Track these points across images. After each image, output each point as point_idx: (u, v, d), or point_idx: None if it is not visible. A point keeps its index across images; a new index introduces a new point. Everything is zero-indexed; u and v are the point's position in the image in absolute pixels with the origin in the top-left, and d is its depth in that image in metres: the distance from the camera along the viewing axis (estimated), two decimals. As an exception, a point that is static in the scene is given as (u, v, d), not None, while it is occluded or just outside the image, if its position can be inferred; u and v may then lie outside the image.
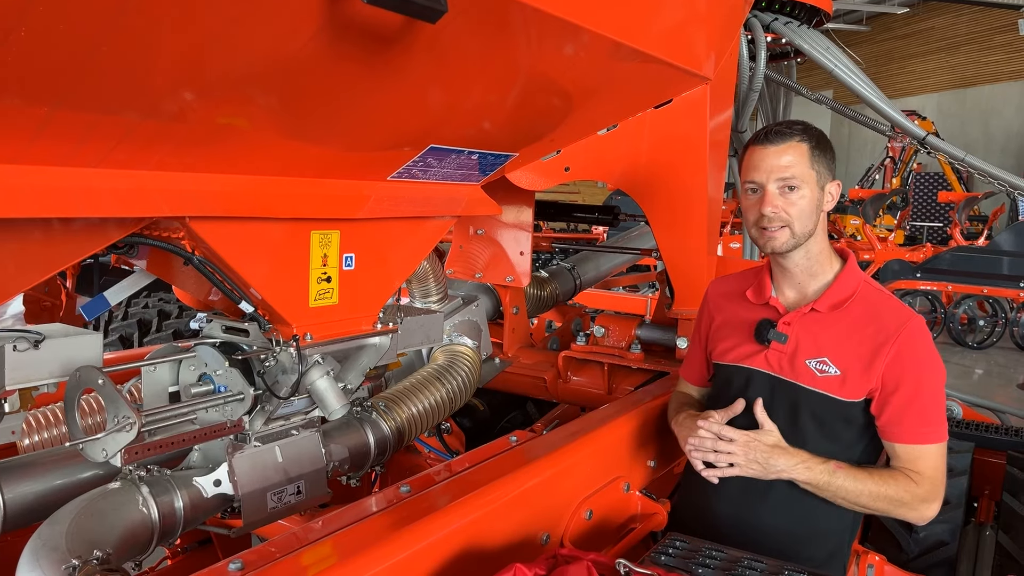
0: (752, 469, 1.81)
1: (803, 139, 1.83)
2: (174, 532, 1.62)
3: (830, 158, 1.87)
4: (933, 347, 1.84)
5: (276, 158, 1.48)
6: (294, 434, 1.83)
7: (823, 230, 1.91)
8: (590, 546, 1.78)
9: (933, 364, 1.82)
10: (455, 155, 1.82)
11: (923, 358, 1.80)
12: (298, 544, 1.40)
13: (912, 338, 1.79)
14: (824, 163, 1.85)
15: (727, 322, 2.07)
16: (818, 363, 1.84)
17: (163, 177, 1.33)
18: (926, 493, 1.79)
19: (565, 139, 2.17)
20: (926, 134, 3.91)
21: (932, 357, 1.82)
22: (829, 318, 1.86)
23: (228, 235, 1.47)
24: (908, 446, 1.80)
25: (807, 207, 1.83)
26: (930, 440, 1.79)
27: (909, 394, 1.78)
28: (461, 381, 2.35)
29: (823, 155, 1.85)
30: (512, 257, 2.79)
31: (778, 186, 1.83)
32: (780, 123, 1.89)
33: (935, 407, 1.81)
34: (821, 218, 1.88)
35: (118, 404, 1.45)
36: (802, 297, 1.93)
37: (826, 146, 1.86)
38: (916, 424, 1.79)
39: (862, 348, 1.80)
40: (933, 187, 19.28)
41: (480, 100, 1.64)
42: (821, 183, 1.85)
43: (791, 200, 1.83)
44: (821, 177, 1.85)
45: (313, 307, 1.68)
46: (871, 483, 1.78)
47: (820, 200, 1.86)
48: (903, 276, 10.04)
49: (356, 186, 1.71)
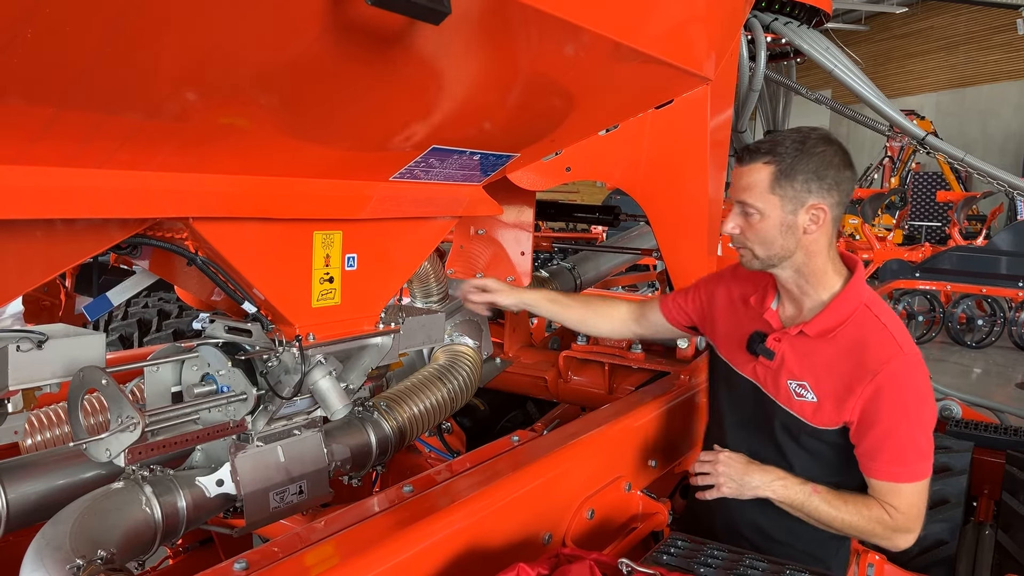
0: (729, 488, 1.84)
1: (769, 161, 1.76)
2: (177, 532, 1.62)
3: (810, 179, 1.74)
4: (920, 385, 1.76)
5: (279, 159, 1.48)
6: (296, 434, 1.83)
7: (821, 250, 1.81)
8: (592, 546, 1.79)
9: (917, 404, 1.76)
10: (457, 156, 1.83)
11: (904, 398, 1.74)
12: (301, 544, 1.41)
13: (893, 377, 1.73)
14: (798, 185, 1.74)
15: (725, 315, 2.08)
16: (798, 386, 1.83)
17: (166, 178, 1.33)
18: (900, 526, 1.78)
19: (566, 139, 2.17)
20: (925, 134, 3.92)
21: (916, 396, 1.76)
22: (817, 343, 1.82)
23: (231, 236, 1.48)
24: (882, 483, 1.78)
25: (767, 232, 1.78)
26: (905, 479, 1.75)
27: (884, 432, 1.75)
28: (462, 381, 2.35)
29: (794, 178, 1.74)
30: (513, 257, 2.79)
31: (740, 207, 1.82)
32: (761, 140, 1.82)
33: (913, 446, 1.76)
34: (809, 240, 1.78)
35: (122, 404, 1.46)
36: (799, 312, 1.88)
37: (804, 168, 1.74)
38: (891, 463, 1.75)
39: (840, 381, 1.78)
40: (932, 186, 19.29)
41: (482, 101, 1.64)
42: (791, 207, 1.76)
43: (750, 223, 1.80)
44: (790, 201, 1.75)
45: (316, 307, 1.69)
46: (845, 511, 1.79)
47: (792, 224, 1.76)
48: (902, 276, 10.03)
49: (358, 186, 1.71)
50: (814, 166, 1.74)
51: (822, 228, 1.78)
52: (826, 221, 1.77)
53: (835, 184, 1.76)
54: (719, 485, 1.84)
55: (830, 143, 1.79)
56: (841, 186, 1.77)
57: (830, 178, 1.75)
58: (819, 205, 1.75)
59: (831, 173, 1.75)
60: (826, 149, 1.76)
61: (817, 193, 1.75)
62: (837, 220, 1.82)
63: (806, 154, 1.74)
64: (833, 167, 1.75)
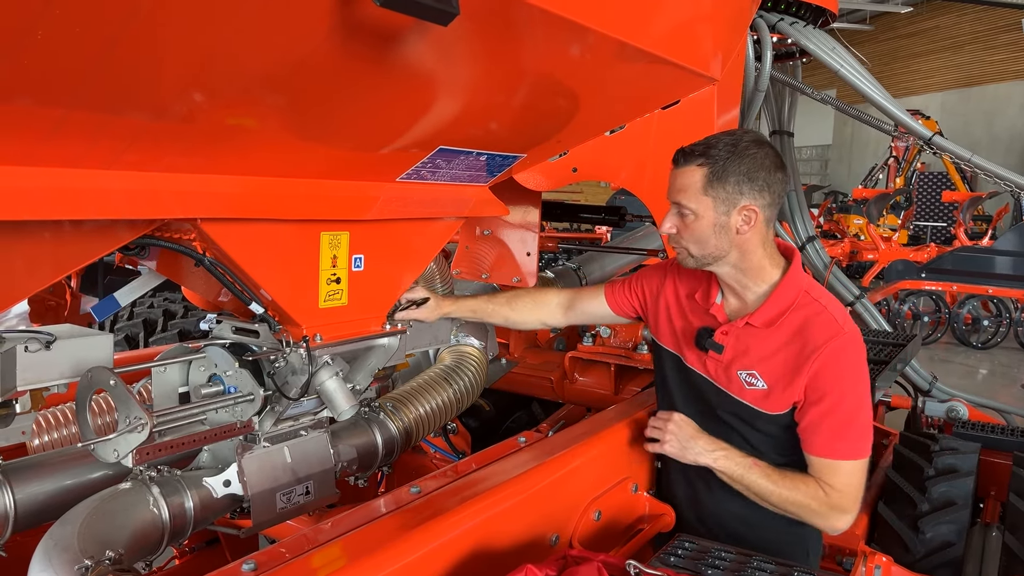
0: (672, 447, 1.92)
1: (703, 163, 1.79)
2: (184, 532, 1.62)
3: (742, 181, 1.77)
4: (859, 364, 1.81)
5: (287, 160, 1.48)
6: (303, 434, 1.83)
7: (755, 247, 1.84)
8: (599, 547, 1.79)
9: (855, 381, 1.80)
10: (464, 156, 1.82)
11: (844, 375, 1.79)
12: (309, 545, 1.41)
13: (835, 355, 1.77)
14: (730, 187, 1.77)
15: (673, 310, 2.09)
16: (748, 375, 1.87)
17: (174, 179, 1.33)
18: (836, 504, 1.80)
19: (572, 140, 2.17)
20: (932, 134, 3.90)
21: (855, 374, 1.80)
22: (763, 332, 1.86)
23: (239, 236, 1.48)
24: (820, 459, 1.81)
25: (701, 232, 1.82)
26: (843, 456, 1.79)
27: (826, 409, 1.78)
28: (468, 382, 2.35)
29: (726, 180, 1.77)
30: (519, 258, 2.79)
31: (676, 208, 1.86)
32: (696, 143, 1.84)
33: (852, 424, 1.80)
34: (743, 239, 1.81)
35: (130, 405, 1.46)
36: (743, 305, 1.92)
37: (736, 170, 1.77)
38: (830, 439, 1.79)
39: (787, 365, 1.82)
40: (937, 187, 19.22)
41: (489, 101, 1.64)
42: (724, 208, 1.79)
43: (685, 223, 1.84)
44: (723, 203, 1.79)
45: (323, 308, 1.69)
46: (783, 485, 1.83)
47: (725, 224, 1.80)
48: (908, 276, 10.00)
49: (365, 187, 1.71)
50: (746, 168, 1.77)
51: (755, 228, 1.81)
52: (758, 221, 1.81)
53: (766, 186, 1.79)
54: (664, 441, 1.93)
55: (762, 145, 1.82)
56: (772, 187, 1.81)
57: (761, 180, 1.78)
58: (750, 206, 1.79)
59: (762, 175, 1.78)
60: (757, 152, 1.79)
61: (749, 194, 1.78)
62: (771, 220, 1.86)
63: (738, 156, 1.77)
64: (764, 169, 1.79)
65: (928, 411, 3.87)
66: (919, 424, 4.06)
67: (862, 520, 2.79)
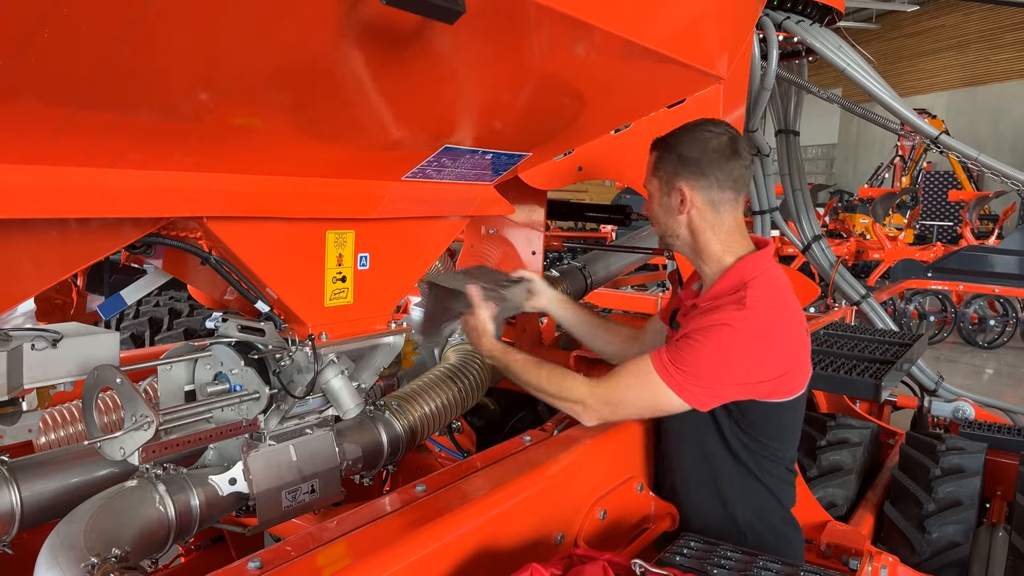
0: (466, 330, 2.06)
1: (655, 148, 1.92)
2: (190, 530, 1.62)
3: (677, 164, 1.85)
4: (730, 337, 1.76)
5: (292, 158, 1.48)
6: (308, 433, 1.83)
7: (704, 229, 1.88)
8: (604, 546, 1.78)
9: (718, 345, 1.76)
10: (469, 155, 1.82)
11: (713, 332, 1.76)
12: (314, 543, 1.40)
13: (721, 318, 1.76)
14: (669, 168, 1.87)
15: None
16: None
17: (180, 177, 1.33)
18: (598, 391, 1.88)
19: (578, 138, 2.17)
20: (939, 133, 3.88)
21: (723, 341, 1.76)
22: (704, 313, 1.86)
23: (245, 235, 1.48)
24: (643, 360, 1.84)
25: (655, 212, 1.95)
26: (658, 369, 1.79)
27: (681, 337, 1.80)
28: (473, 380, 2.35)
29: (666, 162, 1.87)
30: (524, 256, 2.79)
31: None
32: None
33: (687, 362, 1.77)
34: (690, 221, 1.88)
35: (136, 403, 1.46)
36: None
37: (675, 152, 1.85)
38: (665, 352, 1.81)
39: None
40: (943, 186, 19.15)
41: (494, 100, 1.64)
42: (666, 189, 1.89)
43: (648, 205, 1.99)
44: (665, 183, 1.89)
45: (328, 306, 1.69)
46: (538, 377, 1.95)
47: (668, 205, 1.89)
48: (914, 275, 9.97)
49: (371, 186, 1.71)
50: (683, 151, 1.85)
51: (698, 210, 1.87)
52: (696, 204, 1.86)
53: (702, 169, 1.83)
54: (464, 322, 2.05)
55: (716, 132, 1.85)
56: (712, 172, 1.83)
57: (695, 163, 1.84)
58: (681, 188, 1.85)
59: (700, 158, 1.83)
60: (703, 135, 1.84)
61: (683, 176, 1.85)
62: (717, 203, 1.87)
63: (683, 140, 1.85)
64: (706, 152, 1.83)
65: (934, 411, 3.86)
66: (925, 424, 4.05)
67: (868, 520, 2.79)
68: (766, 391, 1.83)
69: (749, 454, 1.90)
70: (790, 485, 2.01)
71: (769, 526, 1.96)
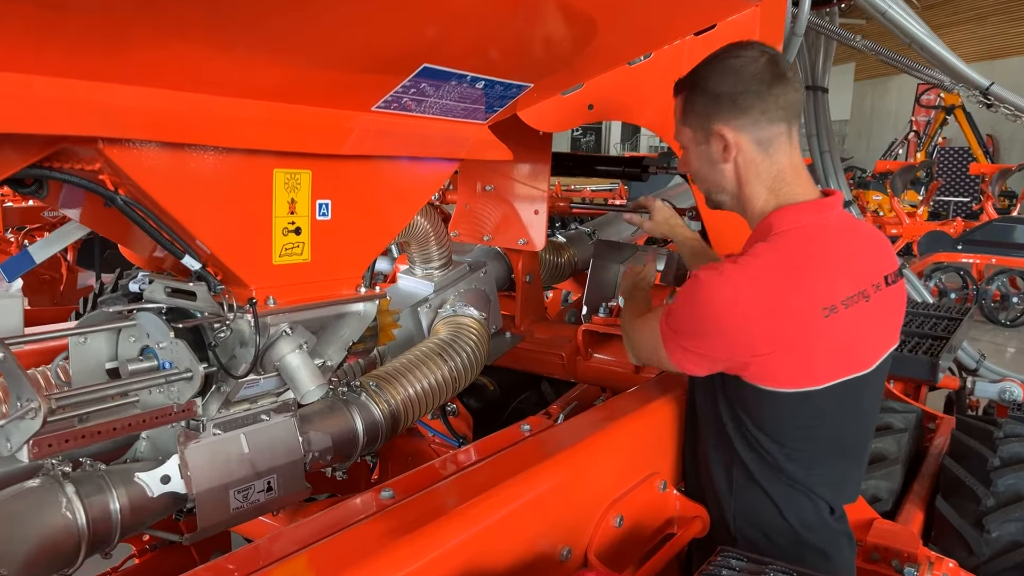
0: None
1: (680, 90, 1.63)
2: (109, 540, 1.34)
3: (709, 101, 1.54)
4: (695, 295, 1.51)
5: (226, 71, 1.15)
6: (264, 419, 1.55)
7: (749, 179, 1.59)
8: (621, 559, 1.47)
9: (685, 301, 1.55)
10: (456, 81, 1.49)
11: (690, 281, 1.53)
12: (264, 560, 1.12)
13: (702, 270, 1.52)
14: (700, 110, 1.57)
15: None
16: None
17: (67, 85, 1.02)
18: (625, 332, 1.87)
19: (589, 70, 1.86)
20: (990, 83, 3.57)
21: (692, 290, 1.52)
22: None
23: (159, 167, 1.15)
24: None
25: (694, 167, 1.67)
26: (661, 327, 1.60)
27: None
28: (467, 357, 2.07)
29: (696, 102, 1.58)
30: (525, 218, 2.49)
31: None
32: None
33: (672, 315, 1.58)
34: (737, 169, 1.58)
35: (21, 385, 1.15)
36: None
37: (705, 87, 1.55)
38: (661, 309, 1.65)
39: None
40: (959, 161, 18.94)
41: (485, 7, 1.30)
42: (702, 136, 1.60)
43: (684, 160, 1.71)
44: (700, 130, 1.60)
45: (277, 264, 1.37)
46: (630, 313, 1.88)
47: (708, 155, 1.60)
48: (943, 248, 9.67)
49: (332, 115, 1.39)
50: (714, 86, 1.53)
51: (745, 154, 1.56)
52: (742, 147, 1.55)
53: (741, 103, 1.51)
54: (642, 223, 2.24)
55: (747, 55, 1.52)
56: (753, 104, 1.51)
57: (730, 98, 1.52)
58: (720, 131, 1.55)
59: (735, 88, 1.51)
60: (735, 62, 1.52)
61: (718, 117, 1.54)
62: (766, 142, 1.55)
63: (712, 71, 1.55)
64: (741, 80, 1.51)
65: (978, 392, 3.54)
66: (964, 406, 3.74)
67: (917, 516, 2.49)
68: (750, 371, 1.53)
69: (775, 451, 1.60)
70: (833, 486, 1.68)
71: (815, 534, 1.64)
